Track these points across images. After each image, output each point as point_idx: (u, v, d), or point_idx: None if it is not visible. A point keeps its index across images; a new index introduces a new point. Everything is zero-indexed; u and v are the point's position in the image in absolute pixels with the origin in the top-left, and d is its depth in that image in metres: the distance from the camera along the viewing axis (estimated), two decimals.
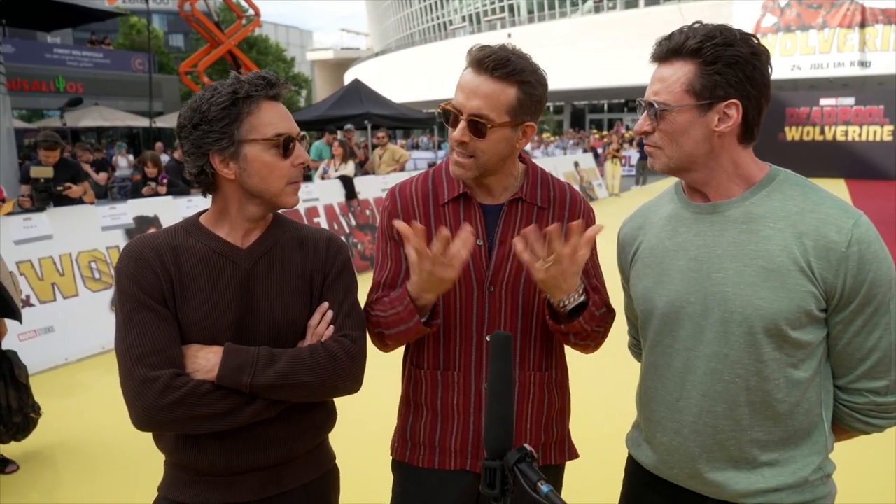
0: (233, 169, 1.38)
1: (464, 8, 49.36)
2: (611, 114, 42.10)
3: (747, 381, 1.30)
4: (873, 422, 1.34)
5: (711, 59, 1.25)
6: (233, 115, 1.34)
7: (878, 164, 21.00)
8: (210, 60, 14.16)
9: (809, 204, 1.29)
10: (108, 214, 6.13)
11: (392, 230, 1.61)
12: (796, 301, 1.25)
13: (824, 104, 21.93)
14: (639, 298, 1.48)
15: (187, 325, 1.38)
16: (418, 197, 1.62)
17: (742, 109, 1.27)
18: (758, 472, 1.33)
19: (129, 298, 1.35)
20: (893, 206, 14.72)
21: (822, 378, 1.34)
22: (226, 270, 1.42)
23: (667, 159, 1.35)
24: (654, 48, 1.34)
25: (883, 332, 1.27)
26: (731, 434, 1.33)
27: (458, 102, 1.47)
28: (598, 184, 16.97)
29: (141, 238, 1.43)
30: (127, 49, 34.10)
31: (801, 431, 1.33)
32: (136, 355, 1.31)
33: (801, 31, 30.63)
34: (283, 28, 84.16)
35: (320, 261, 1.51)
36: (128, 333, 1.33)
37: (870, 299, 1.25)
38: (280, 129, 1.38)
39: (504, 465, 1.02)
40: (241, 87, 1.35)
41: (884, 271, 1.25)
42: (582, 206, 1.66)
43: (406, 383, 1.69)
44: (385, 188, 9.70)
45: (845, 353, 1.31)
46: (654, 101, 1.31)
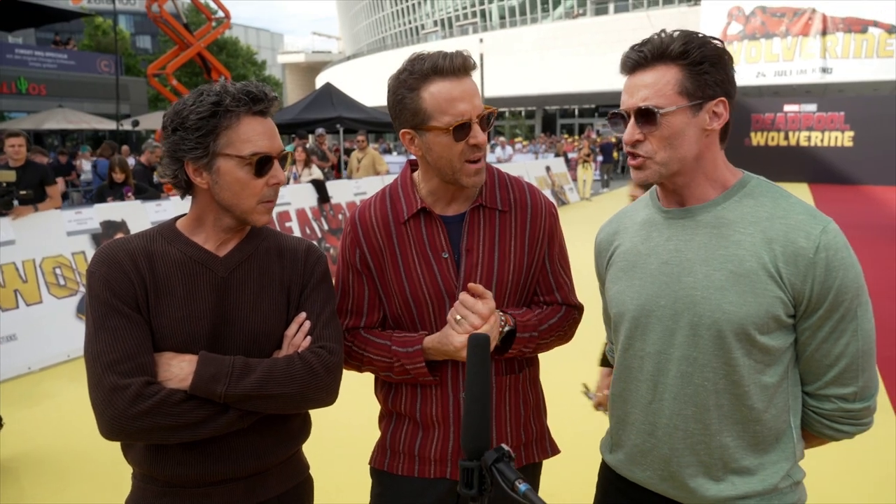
0: (205, 179, 1.36)
1: (436, 13, 49.46)
2: (581, 119, 42.51)
3: (716, 384, 1.31)
4: (843, 428, 1.35)
5: (699, 59, 1.27)
6: (210, 127, 1.32)
7: (839, 169, 21.59)
8: (179, 63, 13.93)
9: (779, 210, 1.30)
10: (73, 219, 5.99)
11: (355, 258, 1.60)
12: (764, 306, 1.26)
13: (788, 110, 22.50)
14: (612, 301, 1.50)
15: (160, 332, 1.35)
16: (378, 220, 1.59)
17: (728, 107, 1.31)
18: (727, 479, 1.34)
19: (100, 303, 1.31)
20: (854, 209, 15.14)
21: (791, 384, 1.35)
22: (202, 278, 1.39)
23: (659, 167, 1.32)
24: (630, 56, 1.32)
25: (850, 338, 1.28)
26: (701, 438, 1.34)
27: (468, 109, 1.46)
28: (569, 188, 17.13)
29: (114, 242, 1.39)
30: (92, 50, 33.46)
31: (770, 437, 1.33)
32: (107, 362, 1.27)
33: (765, 39, 31.36)
34: (253, 30, 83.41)
35: (299, 271, 1.49)
36: (98, 339, 1.29)
37: (837, 305, 1.26)
38: (257, 148, 1.35)
39: (482, 465, 1.02)
40: (224, 98, 1.32)
41: (851, 278, 1.26)
42: (543, 205, 1.65)
43: (384, 393, 1.68)
44: (358, 192, 9.66)
45: (813, 360, 1.31)
46: (649, 105, 1.28)
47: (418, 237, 1.57)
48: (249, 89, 1.35)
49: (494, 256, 1.57)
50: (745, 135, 22.71)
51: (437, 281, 1.55)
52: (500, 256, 1.57)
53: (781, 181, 20.29)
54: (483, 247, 1.56)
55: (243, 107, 1.33)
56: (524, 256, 1.60)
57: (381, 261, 1.58)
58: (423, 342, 1.52)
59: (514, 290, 1.60)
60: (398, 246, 1.57)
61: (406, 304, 1.57)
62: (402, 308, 1.59)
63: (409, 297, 1.56)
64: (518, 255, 1.59)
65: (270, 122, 1.40)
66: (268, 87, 1.39)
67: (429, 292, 1.55)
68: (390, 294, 1.59)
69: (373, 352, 1.58)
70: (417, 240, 1.56)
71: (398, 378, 1.58)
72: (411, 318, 1.59)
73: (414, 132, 1.50)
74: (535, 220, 1.61)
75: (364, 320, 1.62)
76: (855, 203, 16.42)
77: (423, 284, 1.55)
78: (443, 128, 1.45)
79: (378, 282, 1.60)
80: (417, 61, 1.46)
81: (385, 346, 1.56)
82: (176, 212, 7.14)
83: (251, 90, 1.35)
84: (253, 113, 1.36)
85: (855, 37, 29.52)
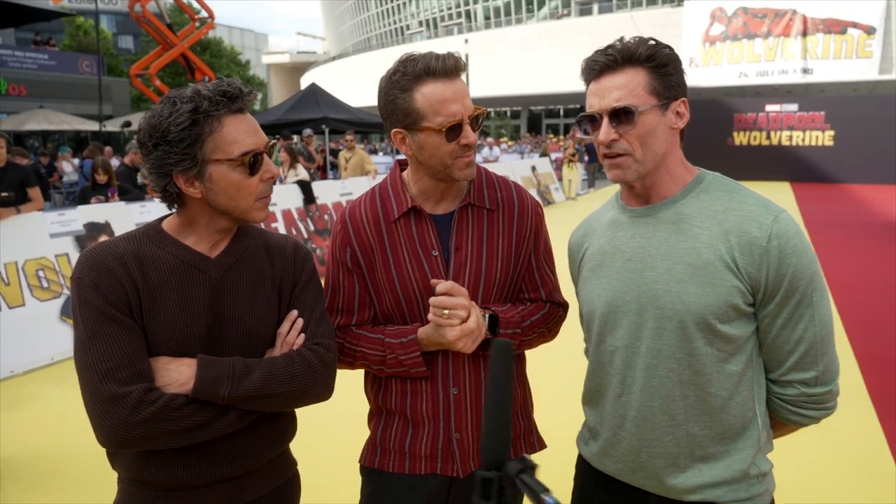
0: (198, 188, 1.33)
1: (421, 13, 49.47)
2: (567, 119, 42.72)
3: (680, 374, 1.35)
4: (807, 413, 1.38)
5: (664, 61, 1.34)
6: (194, 136, 1.28)
7: (820, 168, 21.89)
8: (162, 63, 13.82)
9: (734, 203, 1.35)
10: (56, 221, 5.93)
11: (346, 257, 1.61)
12: (723, 296, 1.30)
13: (770, 110, 22.76)
14: (583, 300, 1.55)
15: (155, 336, 1.33)
16: (368, 218, 1.61)
17: (687, 106, 1.39)
18: (694, 466, 1.37)
19: (92, 311, 1.28)
20: (835, 208, 15.36)
21: (755, 373, 1.38)
22: (196, 280, 1.38)
23: (637, 165, 1.36)
24: (598, 60, 1.37)
25: (808, 323, 1.32)
26: (668, 429, 1.37)
27: (459, 110, 1.48)
28: (555, 188, 17.21)
29: (100, 246, 1.35)
30: (73, 50, 33.08)
31: (736, 426, 1.36)
32: (104, 370, 1.24)
33: (747, 40, 31.71)
34: (237, 31, 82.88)
35: (290, 269, 1.50)
36: (93, 347, 1.26)
37: (792, 291, 1.30)
38: (246, 147, 1.33)
39: (503, 475, 0.98)
40: (201, 103, 1.28)
41: (804, 264, 1.30)
42: (530, 204, 1.68)
43: (374, 391, 1.70)
44: (344, 193, 9.65)
45: (774, 347, 1.36)
46: (628, 105, 1.33)
47: (408, 235, 1.59)
48: (223, 88, 1.32)
49: (483, 254, 1.59)
50: (728, 134, 22.95)
51: (427, 278, 1.57)
52: (489, 254, 1.60)
53: (764, 180, 20.65)
54: (472, 244, 1.59)
55: (223, 108, 1.31)
56: (511, 254, 1.62)
57: (372, 259, 1.60)
58: (417, 332, 1.54)
59: (500, 287, 1.62)
60: (389, 244, 1.59)
61: (397, 300, 1.59)
62: (392, 305, 1.61)
63: (399, 294, 1.58)
64: (505, 253, 1.61)
65: (250, 117, 1.37)
66: (241, 82, 1.36)
67: (419, 289, 1.57)
68: (381, 291, 1.61)
69: (366, 346, 1.59)
70: (408, 238, 1.58)
71: (391, 371, 1.60)
72: (402, 314, 1.60)
73: (406, 132, 1.52)
74: (521, 218, 1.64)
75: (355, 318, 1.64)
76: (835, 201, 16.66)
77: (413, 281, 1.57)
78: (435, 128, 1.47)
79: (368, 280, 1.62)
80: (409, 62, 1.48)
81: (378, 340, 1.58)
82: (161, 213, 7.06)
83: (226, 89, 1.32)
84: (233, 112, 1.33)
85: (835, 38, 29.96)
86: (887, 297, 7.10)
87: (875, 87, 29.79)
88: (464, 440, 1.61)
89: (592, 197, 18.10)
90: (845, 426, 3.95)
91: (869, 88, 30.04)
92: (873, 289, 7.51)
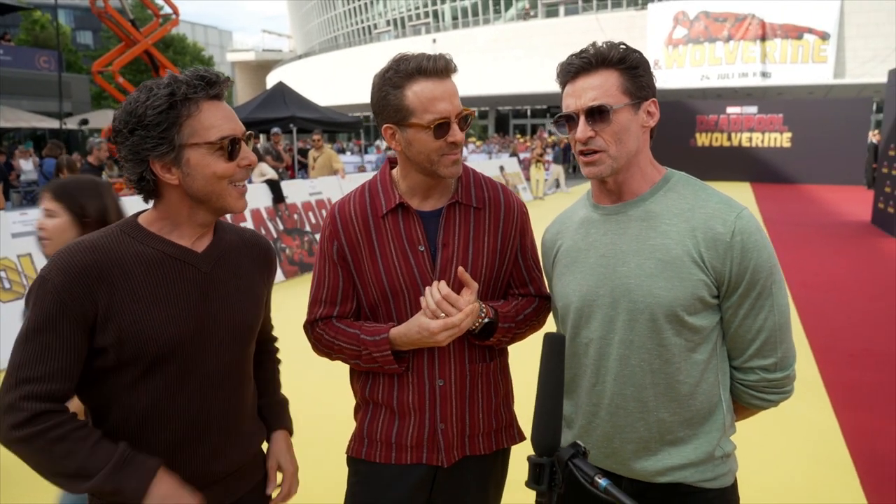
0: (175, 175, 1.31)
1: (388, 12, 49.33)
2: (534, 119, 43.11)
3: (651, 364, 1.43)
4: (767, 397, 1.48)
5: (634, 64, 1.44)
6: (171, 119, 1.27)
7: (779, 169, 22.53)
8: (125, 60, 13.52)
9: (699, 201, 1.44)
10: (18, 220, 5.80)
11: (332, 250, 1.66)
12: (690, 289, 1.39)
13: (730, 112, 23.33)
14: (558, 295, 1.61)
15: (139, 337, 1.29)
16: (357, 213, 1.65)
17: (657, 106, 1.48)
18: (664, 450, 1.45)
19: (40, 313, 1.24)
20: (793, 207, 15.84)
21: (719, 360, 1.47)
22: (185, 275, 1.36)
23: (612, 161, 1.44)
24: (573, 63, 1.45)
25: (768, 313, 1.41)
26: (640, 415, 1.45)
27: (448, 109, 1.53)
28: (522, 187, 17.38)
29: (76, 246, 1.29)
30: (29, 45, 32.12)
31: (703, 411, 1.45)
32: (21, 378, 1.22)
33: (709, 43, 32.43)
34: (201, 27, 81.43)
35: (271, 261, 1.58)
36: (25, 350, 1.24)
37: (754, 284, 1.39)
38: (224, 132, 1.31)
39: (556, 460, 1.03)
40: (178, 87, 1.27)
41: (764, 258, 1.39)
42: (515, 204, 1.75)
43: (362, 383, 1.73)
44: (314, 192, 9.61)
45: (737, 336, 1.44)
46: (603, 103, 1.41)
47: (396, 231, 1.63)
48: (201, 74, 1.31)
49: (469, 251, 1.64)
50: (691, 135, 23.45)
51: (413, 272, 1.62)
52: (475, 251, 1.65)
53: (725, 181, 21.14)
54: (458, 241, 1.64)
55: (201, 92, 1.29)
56: (496, 252, 1.68)
57: (359, 253, 1.64)
58: (389, 332, 1.60)
59: (486, 284, 1.68)
60: (376, 239, 1.63)
61: (383, 294, 1.64)
62: (378, 298, 1.65)
63: (386, 287, 1.63)
64: (491, 251, 1.67)
65: (227, 105, 1.36)
66: (218, 70, 1.36)
67: (405, 283, 1.62)
68: (367, 285, 1.65)
69: (343, 340, 1.64)
70: (395, 233, 1.63)
71: (366, 366, 1.65)
72: (387, 308, 1.65)
73: (396, 128, 1.57)
74: (507, 218, 1.70)
75: (337, 310, 1.68)
76: (793, 201, 17.17)
77: (399, 276, 1.62)
78: (424, 125, 1.53)
79: (355, 273, 1.66)
80: (402, 61, 1.54)
81: (354, 335, 1.63)
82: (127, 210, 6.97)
83: (203, 74, 1.31)
84: (210, 97, 1.32)
85: (792, 42, 30.87)
86: (842, 293, 7.38)
87: (830, 91, 30.79)
88: (448, 430, 1.66)
89: (560, 196, 18.32)
90: (802, 415, 4.12)
91: (824, 92, 31.02)
92: (829, 285, 7.79)
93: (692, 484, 1.45)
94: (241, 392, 1.49)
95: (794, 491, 3.31)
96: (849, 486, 3.36)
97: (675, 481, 1.45)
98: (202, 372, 1.38)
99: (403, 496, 1.66)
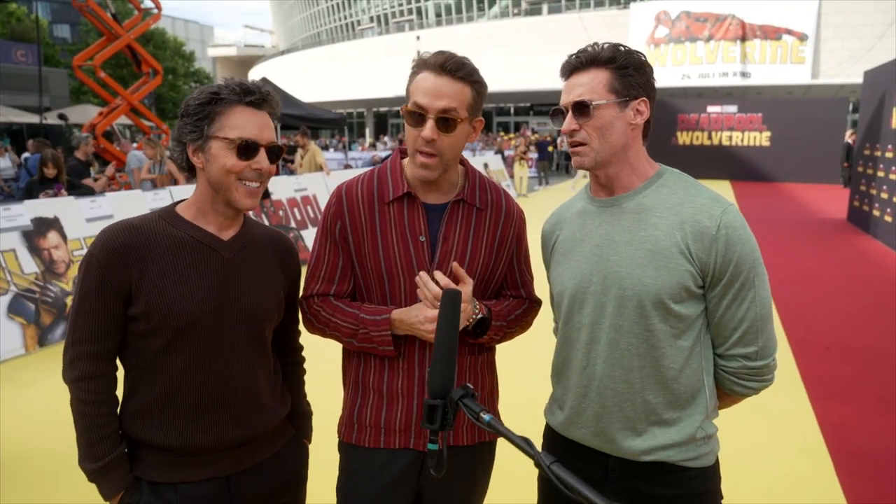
0: (200, 160, 1.52)
1: (372, 8, 49.15)
2: (517, 117, 43.25)
3: (638, 348, 1.51)
4: (748, 384, 1.55)
5: (624, 64, 1.51)
6: (205, 112, 1.48)
7: (758, 167, 22.89)
8: (107, 54, 13.34)
9: (689, 196, 1.52)
10: (2, 216, 5.74)
11: (335, 229, 1.72)
12: (676, 278, 1.47)
13: (711, 111, 23.65)
14: (554, 282, 1.70)
15: (168, 307, 1.47)
16: (364, 196, 1.71)
17: (649, 106, 1.55)
18: (650, 431, 1.53)
19: (86, 288, 1.47)
20: (772, 204, 16.11)
21: (703, 348, 1.55)
22: (210, 259, 1.53)
23: (594, 154, 1.53)
24: (570, 62, 1.55)
25: (750, 304, 1.50)
26: (627, 396, 1.53)
27: (423, 103, 1.59)
28: (506, 185, 17.48)
29: (117, 226, 1.51)
30: (5, 39, 31.56)
31: (686, 395, 1.53)
32: (75, 338, 1.49)
33: (689, 43, 32.76)
34: (181, 22, 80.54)
35: (287, 259, 1.71)
36: (77, 316, 1.49)
37: (737, 275, 1.47)
38: (246, 135, 1.49)
39: (448, 401, 1.15)
40: (222, 89, 1.50)
41: (747, 251, 1.48)
42: (515, 210, 1.82)
43: (354, 366, 1.79)
44: (299, 188, 9.61)
45: (721, 324, 1.52)
46: (584, 99, 1.50)
47: (399, 218, 1.69)
48: (244, 83, 1.52)
49: (467, 248, 1.71)
50: (672, 134, 23.73)
51: (411, 260, 1.68)
52: (473, 248, 1.72)
53: (706, 178, 21.21)
54: (458, 237, 1.70)
55: (235, 96, 1.49)
56: (492, 253, 1.75)
57: (361, 235, 1.70)
58: (391, 312, 1.66)
59: (479, 281, 1.74)
60: (379, 224, 1.69)
61: (380, 277, 1.70)
62: (375, 282, 1.71)
63: (383, 271, 1.69)
64: (487, 250, 1.74)
65: (264, 115, 1.54)
66: (262, 84, 1.55)
67: (403, 269, 1.68)
68: (365, 268, 1.71)
69: (340, 318, 1.70)
70: (398, 221, 1.69)
71: (359, 346, 1.70)
72: (382, 291, 1.71)
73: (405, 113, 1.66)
74: (507, 221, 1.77)
75: (334, 288, 1.74)
76: (772, 199, 17.45)
77: (398, 262, 1.68)
78: (406, 110, 1.62)
79: (354, 255, 1.72)
80: (424, 54, 1.64)
81: (353, 315, 1.69)
82: (112, 208, 6.93)
83: (245, 84, 1.52)
84: (246, 103, 1.50)
85: (771, 43, 31.27)
86: (819, 289, 7.56)
87: (808, 91, 31.27)
88: None
89: (542, 193, 18.45)
90: (780, 406, 4.24)
91: (802, 92, 31.50)
92: (806, 280, 7.97)
93: (675, 462, 1.53)
94: (258, 369, 1.61)
95: (771, 480, 3.42)
96: (824, 474, 3.48)
97: (659, 460, 1.53)
98: (221, 347, 1.53)
99: (392, 480, 1.72)
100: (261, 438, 1.63)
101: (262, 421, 1.61)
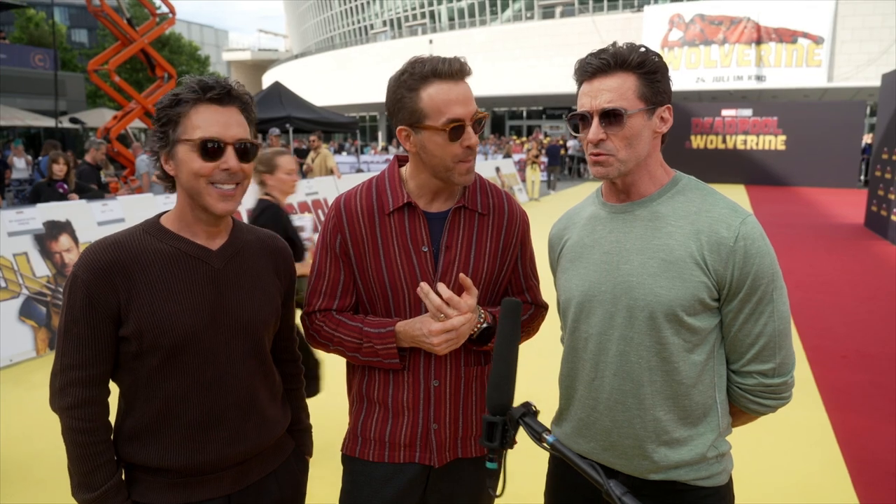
0: (171, 167, 1.44)
1: (385, 13, 49.31)
2: (530, 120, 43.14)
3: (649, 361, 1.44)
4: (764, 402, 1.48)
5: (653, 69, 1.42)
6: (169, 116, 1.40)
7: (773, 171, 22.64)
8: (122, 59, 13.44)
9: (706, 205, 1.45)
10: (14, 219, 5.79)
11: (335, 243, 1.67)
12: (691, 290, 1.40)
13: (725, 115, 23.43)
14: (561, 289, 1.64)
15: (160, 326, 1.39)
16: (363, 209, 1.66)
17: (672, 112, 1.48)
18: (660, 450, 1.46)
19: (73, 309, 1.39)
20: (787, 209, 15.92)
21: (716, 363, 1.48)
22: (199, 271, 1.45)
23: (620, 164, 1.44)
24: (591, 63, 1.43)
25: (768, 319, 1.42)
26: (637, 412, 1.46)
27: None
28: (518, 189, 17.41)
29: (101, 244, 1.42)
30: (24, 43, 32.01)
31: (698, 411, 1.46)
32: (65, 364, 1.40)
33: (704, 46, 32.55)
34: (196, 26, 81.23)
35: (281, 263, 1.64)
36: (65, 341, 1.40)
37: (755, 289, 1.40)
38: (207, 134, 1.38)
39: (507, 419, 1.09)
40: (181, 90, 1.40)
41: (766, 264, 1.40)
42: (518, 213, 1.77)
43: (358, 379, 1.75)
44: (310, 192, 9.61)
45: (737, 339, 1.45)
46: (617, 107, 1.40)
47: (401, 229, 1.65)
48: (203, 79, 1.42)
49: (471, 255, 1.66)
50: (686, 138, 23.53)
51: (415, 272, 1.63)
52: (476, 255, 1.67)
53: (720, 182, 21.23)
54: (461, 245, 1.66)
55: (195, 94, 1.39)
56: (497, 258, 1.70)
57: (362, 248, 1.65)
58: (395, 325, 1.61)
59: (485, 288, 1.70)
60: (380, 236, 1.65)
61: (383, 290, 1.65)
62: (378, 294, 1.67)
63: (386, 284, 1.64)
64: (492, 257, 1.69)
65: (231, 110, 1.43)
66: (222, 78, 1.45)
67: (406, 282, 1.63)
68: (368, 281, 1.67)
69: (344, 332, 1.66)
70: (400, 232, 1.64)
71: (364, 360, 1.66)
72: (386, 304, 1.66)
73: (410, 130, 1.58)
74: (510, 226, 1.72)
75: (337, 303, 1.70)
76: (787, 203, 17.25)
77: (401, 274, 1.63)
78: (439, 128, 1.53)
79: (356, 268, 1.67)
80: (418, 64, 1.55)
81: (357, 328, 1.64)
82: (123, 212, 6.97)
83: (204, 80, 1.41)
84: (207, 100, 1.40)
85: (786, 46, 31.00)
86: (835, 295, 7.43)
87: (824, 94, 30.95)
88: (441, 431, 1.67)
89: (554, 198, 18.36)
90: (795, 415, 4.16)
91: (818, 95, 31.18)
92: (822, 286, 7.85)
93: (686, 482, 1.47)
94: (258, 381, 1.55)
95: (786, 490, 3.35)
96: (841, 485, 3.40)
97: (669, 479, 1.48)
98: (218, 361, 1.47)
99: (396, 495, 1.68)
100: (262, 455, 1.58)
101: (263, 435, 1.56)
